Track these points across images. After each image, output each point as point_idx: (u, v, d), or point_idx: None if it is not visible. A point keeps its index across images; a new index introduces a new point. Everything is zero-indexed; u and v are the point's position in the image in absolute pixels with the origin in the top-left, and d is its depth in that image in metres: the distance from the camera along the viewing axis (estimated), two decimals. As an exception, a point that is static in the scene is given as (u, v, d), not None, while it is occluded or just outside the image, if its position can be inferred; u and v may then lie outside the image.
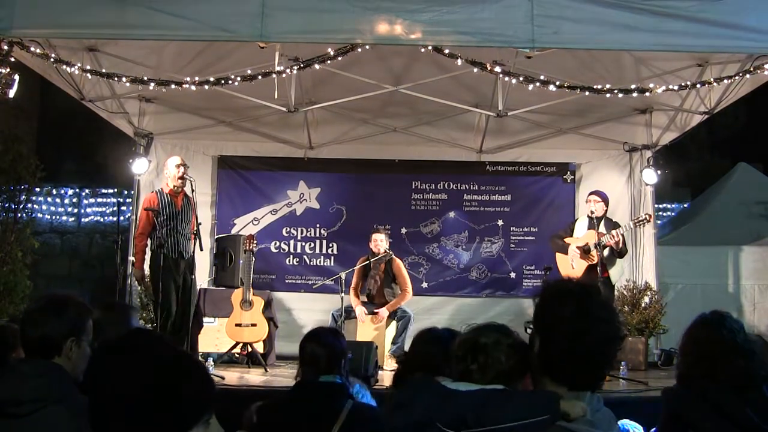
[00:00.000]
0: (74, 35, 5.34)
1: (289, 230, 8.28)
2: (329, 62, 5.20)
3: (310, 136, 8.07)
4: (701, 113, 6.87)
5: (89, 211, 11.41)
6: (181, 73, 5.98)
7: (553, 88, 5.46)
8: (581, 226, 6.94)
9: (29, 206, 7.63)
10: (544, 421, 1.63)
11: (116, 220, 7.08)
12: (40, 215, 10.85)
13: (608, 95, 5.70)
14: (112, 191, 11.26)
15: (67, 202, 11.39)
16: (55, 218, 11.30)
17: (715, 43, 4.88)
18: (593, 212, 6.61)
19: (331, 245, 8.25)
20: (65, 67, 5.47)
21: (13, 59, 4.97)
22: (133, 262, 6.29)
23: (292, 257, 8.25)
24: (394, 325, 7.01)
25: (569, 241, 6.84)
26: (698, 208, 9.01)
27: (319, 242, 8.27)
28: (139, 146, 7.87)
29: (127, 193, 9.64)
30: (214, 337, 6.95)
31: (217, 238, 7.81)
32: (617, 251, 6.61)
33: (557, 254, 6.85)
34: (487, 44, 4.89)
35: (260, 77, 5.44)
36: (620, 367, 6.10)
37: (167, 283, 5.79)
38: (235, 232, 7.96)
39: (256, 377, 6.05)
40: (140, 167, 7.74)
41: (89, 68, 5.71)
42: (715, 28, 4.70)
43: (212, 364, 6.05)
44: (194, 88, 5.56)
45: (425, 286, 8.13)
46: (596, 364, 1.68)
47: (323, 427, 2.62)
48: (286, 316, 7.69)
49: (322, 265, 8.21)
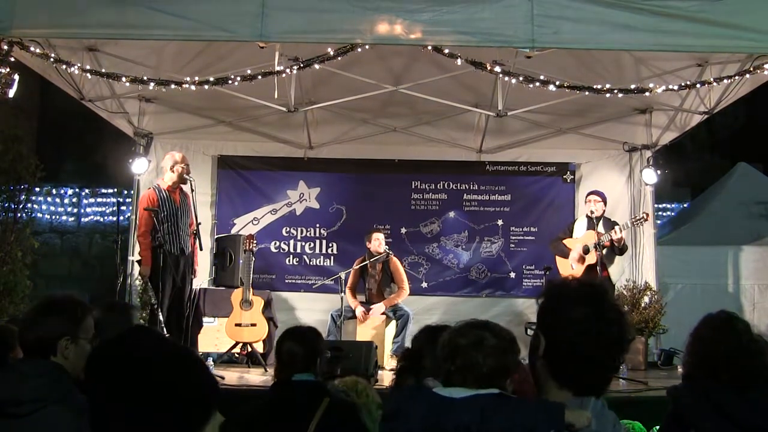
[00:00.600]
0: (74, 35, 5.33)
1: (288, 230, 8.28)
2: (329, 62, 5.20)
3: (310, 136, 8.06)
4: (701, 113, 6.87)
5: (89, 211, 11.39)
6: (181, 73, 5.98)
7: (553, 88, 5.45)
8: (580, 226, 6.95)
9: (29, 206, 7.63)
10: None
11: (116, 220, 7.07)
12: (40, 215, 10.84)
13: (608, 95, 5.70)
14: (112, 191, 11.24)
15: (67, 202, 11.37)
16: (55, 218, 11.28)
17: (715, 43, 4.87)
18: (593, 212, 6.62)
19: (330, 245, 8.24)
20: (65, 67, 5.47)
21: (13, 59, 4.96)
22: (137, 261, 6.27)
23: (291, 257, 8.24)
24: (393, 324, 7.03)
25: (569, 244, 6.84)
26: (698, 208, 8.99)
27: (318, 242, 8.26)
28: (138, 146, 7.88)
29: (127, 193, 9.64)
30: (213, 336, 6.96)
31: (216, 238, 7.81)
32: (618, 249, 6.61)
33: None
34: (487, 44, 4.89)
35: (260, 77, 5.44)
36: (620, 366, 6.09)
37: (166, 283, 5.79)
38: (234, 232, 7.96)
39: (256, 377, 6.05)
40: (140, 167, 7.74)
41: (89, 68, 5.70)
42: (715, 28, 4.68)
43: (212, 363, 6.06)
44: (194, 88, 5.55)
45: (425, 285, 8.12)
46: (606, 367, 1.62)
47: (302, 425, 2.62)
48: (285, 316, 7.68)
49: (321, 265, 8.20)
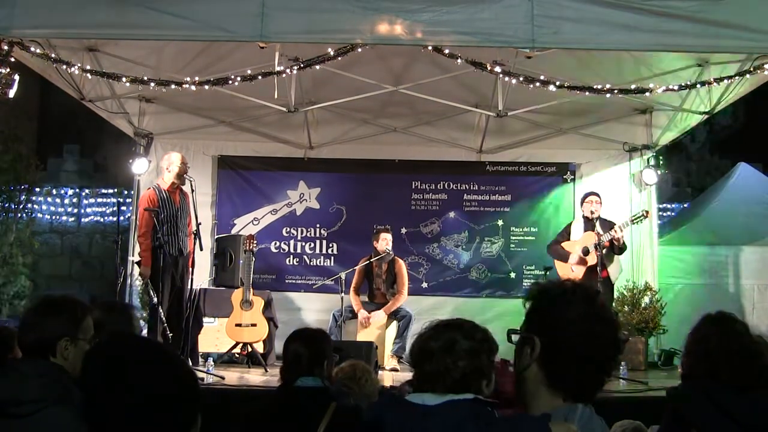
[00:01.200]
0: (74, 35, 5.34)
1: (289, 230, 8.28)
2: (329, 62, 5.20)
3: (310, 136, 8.07)
4: (701, 113, 6.87)
5: (89, 211, 11.38)
6: (181, 73, 5.98)
7: (553, 88, 5.46)
8: (577, 228, 6.94)
9: (29, 206, 7.64)
10: None
11: (116, 220, 7.06)
12: (40, 215, 10.83)
13: (608, 95, 5.71)
14: (112, 191, 11.24)
15: (67, 202, 11.36)
16: (55, 218, 11.27)
17: (715, 43, 4.87)
18: (593, 212, 6.62)
19: (331, 245, 8.24)
20: (65, 67, 5.48)
21: (13, 59, 4.97)
22: (137, 261, 6.27)
23: (292, 257, 8.24)
24: (394, 325, 7.02)
25: (567, 247, 6.84)
26: (698, 208, 8.98)
27: (319, 242, 8.26)
28: (139, 146, 7.88)
29: (127, 193, 9.64)
30: (214, 337, 6.95)
31: (217, 238, 7.81)
32: (617, 248, 6.61)
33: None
34: (487, 44, 4.89)
35: (260, 77, 5.45)
36: (620, 367, 6.09)
37: (166, 283, 5.80)
38: (235, 232, 7.96)
39: (256, 377, 6.04)
40: (140, 167, 7.75)
41: (89, 68, 5.71)
42: (715, 28, 4.68)
43: (212, 364, 6.05)
44: (194, 88, 5.56)
45: (425, 286, 8.12)
46: (603, 368, 1.60)
47: (309, 429, 2.61)
48: (286, 316, 7.68)
49: (322, 265, 8.21)
